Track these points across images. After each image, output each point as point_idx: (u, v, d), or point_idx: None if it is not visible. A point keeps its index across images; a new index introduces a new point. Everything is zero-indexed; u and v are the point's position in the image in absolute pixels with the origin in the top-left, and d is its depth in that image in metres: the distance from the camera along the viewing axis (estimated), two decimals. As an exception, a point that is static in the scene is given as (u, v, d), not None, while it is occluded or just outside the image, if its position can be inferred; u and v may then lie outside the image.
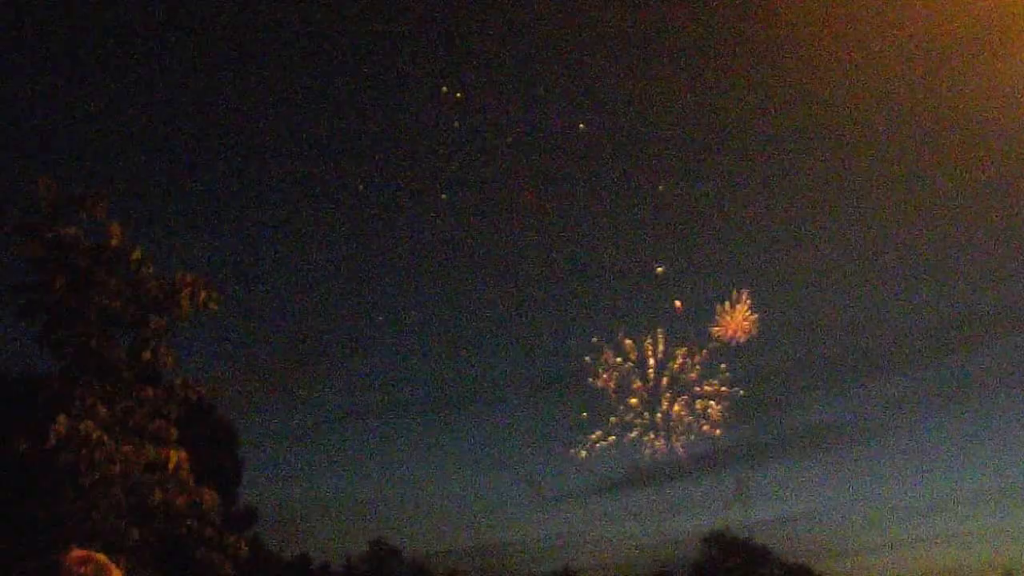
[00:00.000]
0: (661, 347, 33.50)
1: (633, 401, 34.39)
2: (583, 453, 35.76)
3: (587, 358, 34.36)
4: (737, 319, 31.89)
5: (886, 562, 79.21)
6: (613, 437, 34.98)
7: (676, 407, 34.06)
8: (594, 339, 35.26)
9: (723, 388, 33.56)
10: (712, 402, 33.77)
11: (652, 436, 34.63)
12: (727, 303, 32.42)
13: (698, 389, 33.76)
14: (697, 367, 33.28)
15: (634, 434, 34.93)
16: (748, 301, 32.53)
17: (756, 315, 33.05)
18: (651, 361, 33.53)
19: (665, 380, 33.74)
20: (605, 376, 33.91)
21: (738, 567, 54.67)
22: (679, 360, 33.41)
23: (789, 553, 57.29)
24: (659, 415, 34.47)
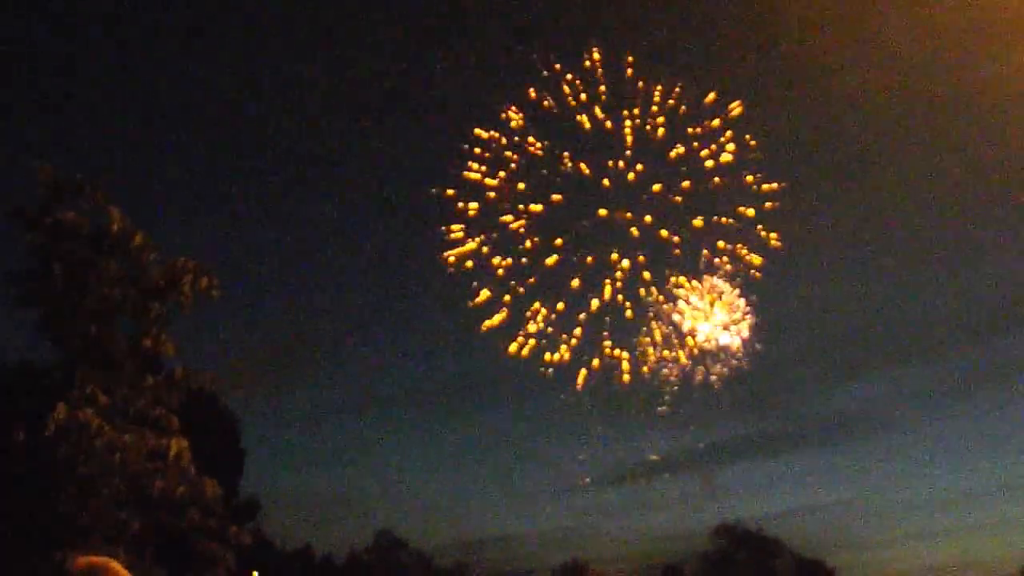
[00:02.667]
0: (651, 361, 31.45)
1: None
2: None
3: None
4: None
5: (901, 555, 78.81)
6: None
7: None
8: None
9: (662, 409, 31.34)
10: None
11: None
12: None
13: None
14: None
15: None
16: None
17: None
18: (626, 377, 31.72)
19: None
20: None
21: (749, 559, 54.40)
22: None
23: (802, 545, 56.99)
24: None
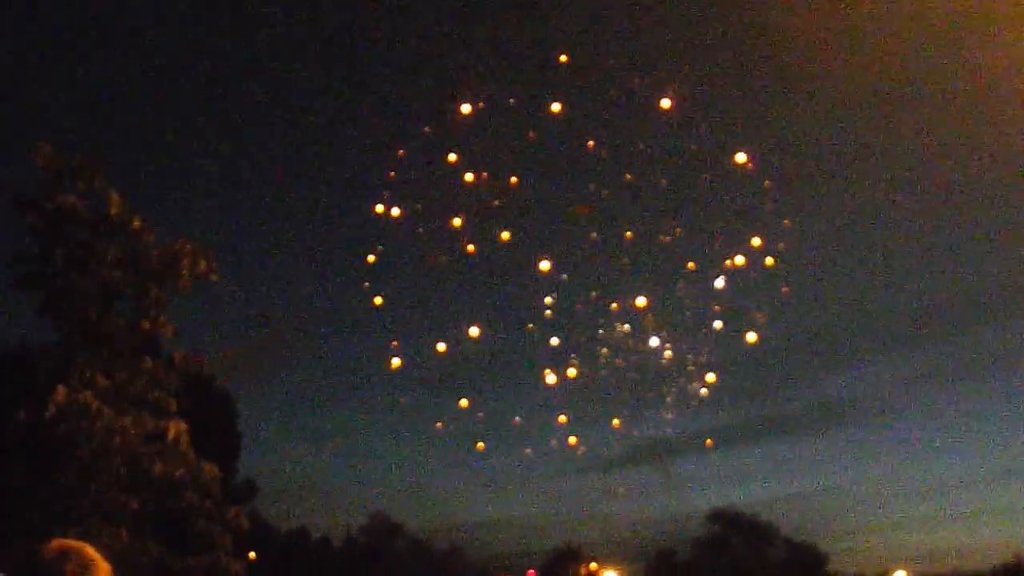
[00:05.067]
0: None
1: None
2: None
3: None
4: None
5: (894, 541, 79.24)
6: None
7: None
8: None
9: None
10: None
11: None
12: None
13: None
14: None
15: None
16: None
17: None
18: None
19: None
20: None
21: (743, 545, 54.63)
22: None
23: (796, 531, 57.23)
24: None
